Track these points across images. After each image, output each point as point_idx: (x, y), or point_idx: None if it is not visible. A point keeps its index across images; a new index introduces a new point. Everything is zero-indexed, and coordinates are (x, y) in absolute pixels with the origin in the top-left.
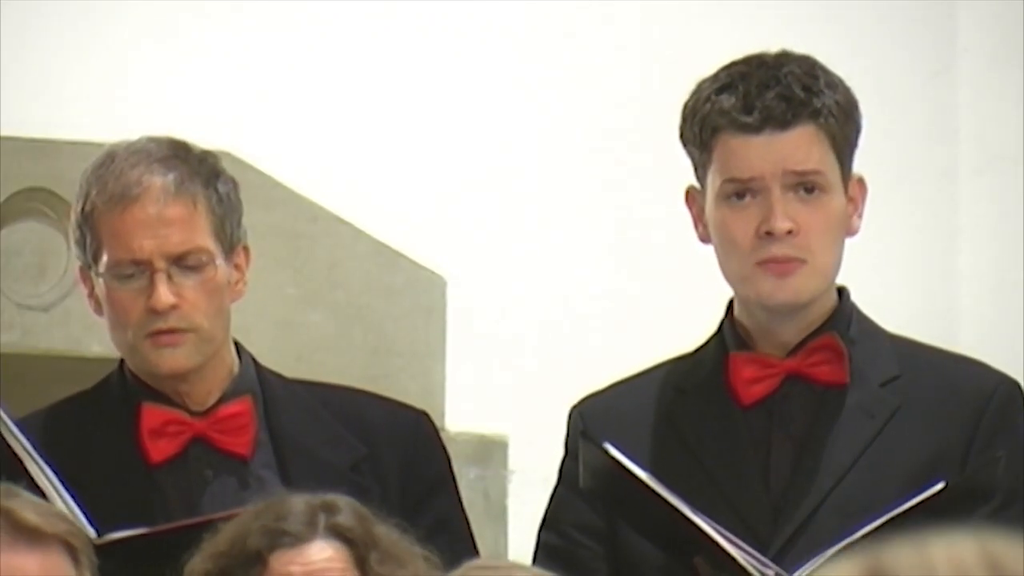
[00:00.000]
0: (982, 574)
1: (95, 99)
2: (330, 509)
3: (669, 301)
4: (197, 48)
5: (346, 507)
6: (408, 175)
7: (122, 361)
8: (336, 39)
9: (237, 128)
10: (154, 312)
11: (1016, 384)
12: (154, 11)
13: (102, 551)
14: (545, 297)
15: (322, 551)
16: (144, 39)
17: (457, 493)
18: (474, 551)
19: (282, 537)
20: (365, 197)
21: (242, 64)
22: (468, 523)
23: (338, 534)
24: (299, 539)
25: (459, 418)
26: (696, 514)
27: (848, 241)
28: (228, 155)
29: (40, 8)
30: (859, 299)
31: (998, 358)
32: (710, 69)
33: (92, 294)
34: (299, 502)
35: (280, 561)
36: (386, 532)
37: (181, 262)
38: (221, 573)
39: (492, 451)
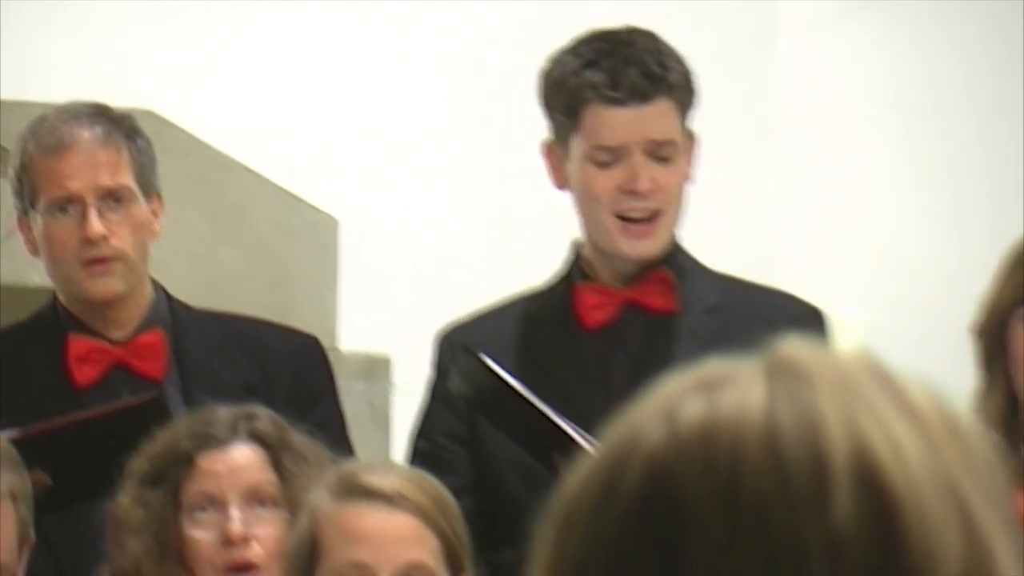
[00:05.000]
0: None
1: (23, 60)
2: (250, 417)
3: (533, 244)
4: (120, 10)
5: (264, 416)
6: (307, 129)
7: (54, 296)
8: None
9: (157, 88)
10: (87, 241)
11: (821, 313)
12: None
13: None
14: (425, 236)
15: (242, 452)
16: (69, 1)
17: (338, 403)
18: (350, 452)
19: (207, 439)
20: (269, 149)
21: (160, 27)
22: (346, 428)
23: (256, 437)
24: (222, 441)
25: (349, 340)
26: (559, 416)
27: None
28: (150, 113)
29: None
30: (690, 240)
31: (811, 293)
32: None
33: (29, 238)
34: (224, 411)
35: (206, 460)
36: (300, 439)
37: (109, 198)
38: (156, 471)
39: (377, 368)
